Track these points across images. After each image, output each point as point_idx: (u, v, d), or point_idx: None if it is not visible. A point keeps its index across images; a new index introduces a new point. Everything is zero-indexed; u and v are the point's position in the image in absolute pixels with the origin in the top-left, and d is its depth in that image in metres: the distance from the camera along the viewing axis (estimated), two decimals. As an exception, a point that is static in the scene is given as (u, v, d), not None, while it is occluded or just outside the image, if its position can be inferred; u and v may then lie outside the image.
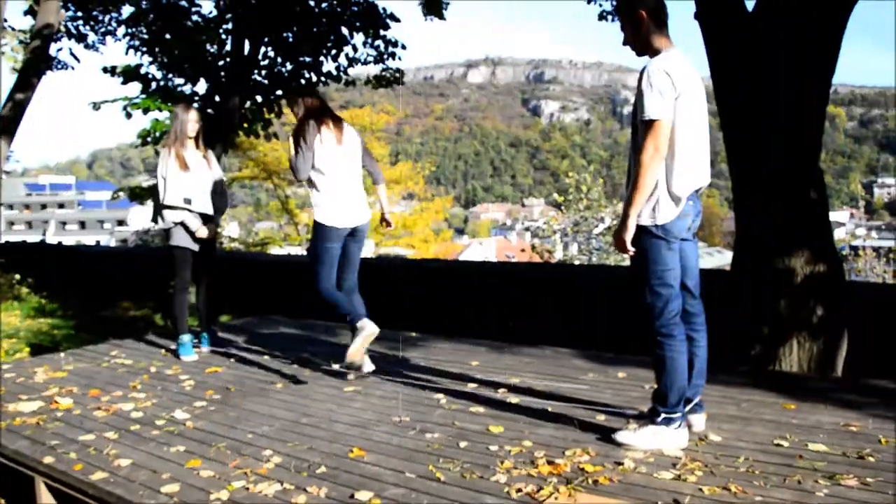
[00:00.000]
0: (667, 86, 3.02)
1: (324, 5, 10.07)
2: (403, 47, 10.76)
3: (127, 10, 10.39)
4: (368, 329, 4.44)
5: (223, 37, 9.82)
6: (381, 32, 10.46)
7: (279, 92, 10.27)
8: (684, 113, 3.07)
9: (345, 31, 10.23)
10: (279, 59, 10.22)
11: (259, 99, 10.28)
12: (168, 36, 9.58)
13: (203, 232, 5.25)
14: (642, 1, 3.18)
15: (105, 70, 9.91)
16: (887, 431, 3.29)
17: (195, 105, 8.38)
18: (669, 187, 3.11)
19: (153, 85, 9.68)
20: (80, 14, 12.60)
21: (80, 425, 3.87)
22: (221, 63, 9.84)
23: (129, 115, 9.22)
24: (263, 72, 10.15)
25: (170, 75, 9.82)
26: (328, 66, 10.43)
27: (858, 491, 2.71)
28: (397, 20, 10.47)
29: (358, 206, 4.63)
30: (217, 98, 9.69)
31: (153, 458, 3.36)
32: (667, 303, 3.16)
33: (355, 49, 10.48)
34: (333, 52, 10.29)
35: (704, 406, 3.47)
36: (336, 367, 4.86)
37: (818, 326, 4.85)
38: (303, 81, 10.26)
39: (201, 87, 9.89)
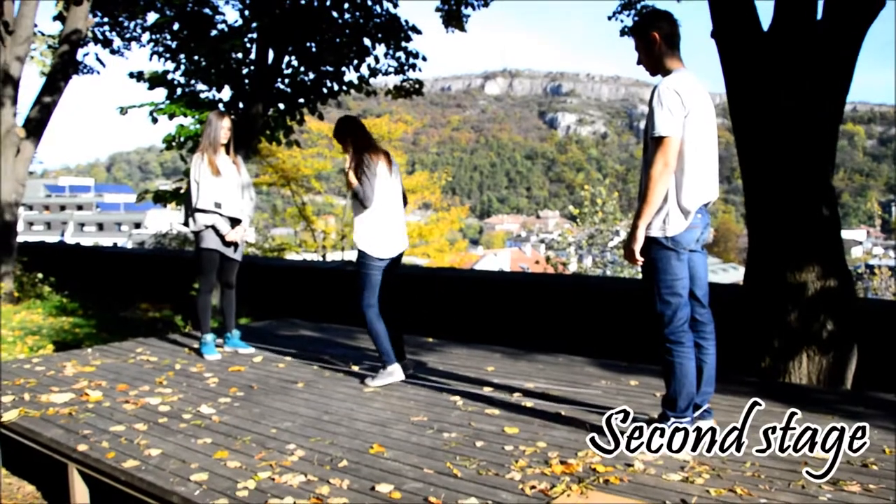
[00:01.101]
0: (676, 104, 3.16)
1: (347, 17, 10.26)
2: (424, 59, 10.91)
3: (152, 17, 10.65)
4: (396, 376, 4.70)
5: (247, 45, 10.02)
6: (403, 44, 10.64)
7: (301, 100, 10.47)
8: (693, 130, 3.21)
9: (367, 42, 10.40)
10: (302, 68, 10.40)
11: (282, 106, 10.47)
12: (192, 44, 9.79)
13: (233, 235, 5.42)
14: (656, 23, 3.33)
15: (132, 75, 10.15)
16: (891, 442, 3.39)
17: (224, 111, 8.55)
18: (679, 201, 3.23)
19: (178, 91, 9.90)
20: (106, 20, 12.87)
21: (111, 417, 4.03)
22: (245, 71, 10.04)
23: (154, 120, 9.45)
24: (286, 80, 10.34)
25: (193, 81, 10.03)
26: (350, 75, 10.62)
27: (861, 496, 2.81)
28: (419, 32, 10.63)
29: (401, 235, 4.78)
30: (241, 105, 9.88)
31: (182, 448, 3.51)
32: (676, 311, 3.28)
33: (377, 60, 10.65)
34: (355, 62, 10.46)
35: (713, 413, 3.58)
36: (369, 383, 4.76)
37: (828, 340, 4.93)
38: (325, 90, 10.45)
39: (225, 93, 10.10)
